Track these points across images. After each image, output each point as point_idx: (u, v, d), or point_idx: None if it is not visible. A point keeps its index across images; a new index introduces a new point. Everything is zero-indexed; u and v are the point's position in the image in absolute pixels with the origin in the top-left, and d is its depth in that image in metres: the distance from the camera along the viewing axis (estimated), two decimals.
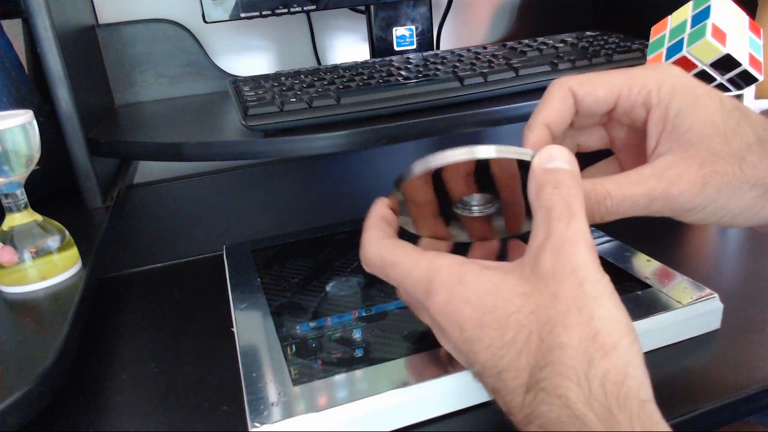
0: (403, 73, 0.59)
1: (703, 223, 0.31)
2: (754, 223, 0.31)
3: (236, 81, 0.62)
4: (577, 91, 0.33)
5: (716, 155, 0.30)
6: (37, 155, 0.43)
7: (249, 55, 0.82)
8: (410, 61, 0.64)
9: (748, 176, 0.30)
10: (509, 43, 0.69)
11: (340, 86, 0.55)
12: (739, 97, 0.52)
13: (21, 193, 0.44)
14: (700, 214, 0.31)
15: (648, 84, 0.32)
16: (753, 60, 0.50)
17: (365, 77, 0.58)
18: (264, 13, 0.67)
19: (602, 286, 0.27)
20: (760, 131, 0.31)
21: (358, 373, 0.38)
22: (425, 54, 0.68)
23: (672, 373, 0.40)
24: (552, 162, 0.30)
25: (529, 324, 0.26)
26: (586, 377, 0.24)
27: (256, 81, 0.61)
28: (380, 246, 0.33)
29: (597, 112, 0.34)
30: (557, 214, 0.28)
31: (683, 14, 0.53)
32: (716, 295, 0.43)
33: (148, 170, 0.76)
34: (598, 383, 0.24)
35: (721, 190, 0.30)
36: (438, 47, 0.83)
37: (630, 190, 0.30)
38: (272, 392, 0.36)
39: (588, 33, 0.73)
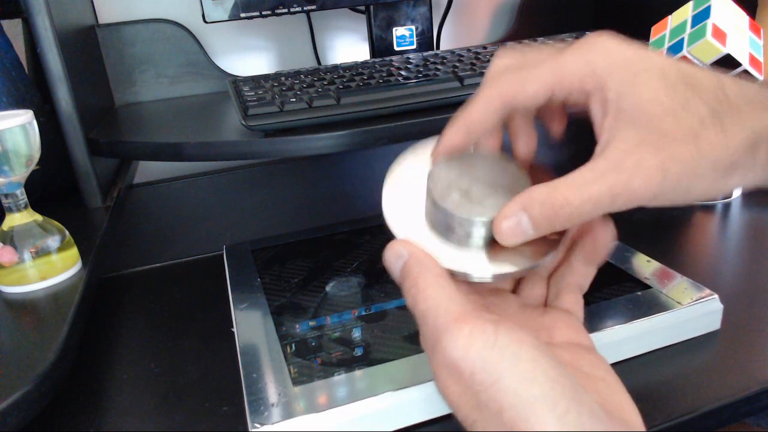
0: (403, 73, 0.59)
1: (667, 205, 0.29)
2: (719, 197, 0.29)
3: (236, 81, 0.62)
4: (506, 93, 0.31)
5: (669, 137, 0.27)
6: (37, 155, 0.43)
7: (249, 55, 0.82)
8: (410, 61, 0.64)
9: (706, 156, 0.27)
10: (509, 43, 0.69)
11: (340, 86, 0.55)
12: None
13: (21, 193, 0.44)
14: (664, 199, 0.28)
15: (579, 70, 0.29)
16: (753, 60, 0.50)
17: (365, 77, 0.58)
18: (264, 13, 0.67)
19: (491, 368, 0.25)
20: (711, 102, 0.28)
21: (358, 373, 0.38)
22: (425, 54, 0.68)
23: (671, 373, 0.40)
24: (394, 268, 0.30)
25: (457, 414, 0.27)
26: None
27: (256, 81, 0.61)
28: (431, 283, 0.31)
29: (532, 107, 0.31)
30: (419, 317, 0.29)
31: (683, 14, 0.53)
32: (716, 295, 0.43)
33: (148, 170, 0.76)
34: None
35: (680, 177, 0.27)
36: (438, 47, 0.83)
37: (589, 192, 0.28)
38: (272, 392, 0.36)
39: (588, 33, 0.73)
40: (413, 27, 0.75)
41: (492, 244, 0.31)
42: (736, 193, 0.66)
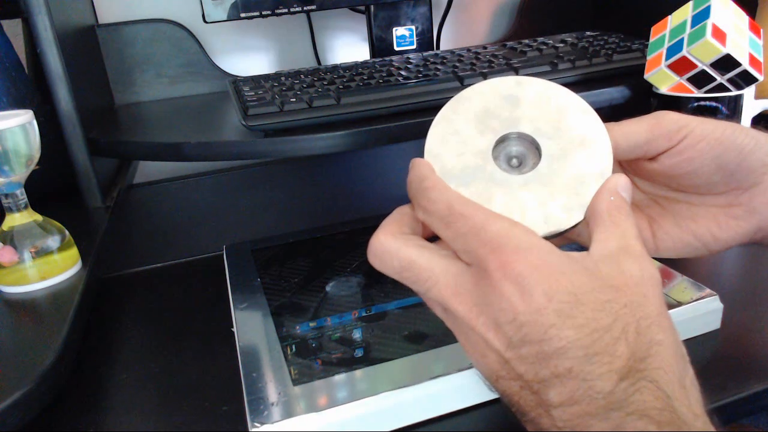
0: (403, 73, 0.59)
1: (711, 158, 0.33)
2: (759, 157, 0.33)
3: (236, 81, 0.62)
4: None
5: None
6: (37, 155, 0.43)
7: (249, 55, 0.82)
8: (410, 61, 0.64)
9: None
10: (509, 43, 0.69)
11: (340, 86, 0.55)
12: (739, 97, 0.52)
13: (21, 193, 0.44)
14: (707, 138, 0.33)
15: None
16: (753, 60, 0.50)
17: (365, 77, 0.58)
18: (264, 13, 0.67)
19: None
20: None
21: (358, 373, 0.38)
22: (425, 54, 0.68)
23: None
24: (626, 190, 0.31)
25: (624, 316, 0.26)
26: (682, 374, 0.26)
27: (256, 81, 0.61)
28: (451, 195, 0.30)
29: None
30: (632, 233, 0.29)
31: (683, 14, 0.53)
32: (716, 295, 0.43)
33: (148, 170, 0.76)
34: (690, 383, 0.26)
35: (721, 124, 0.33)
36: (438, 47, 0.83)
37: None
38: (272, 392, 0.37)
39: (588, 33, 0.73)
40: (413, 27, 0.75)
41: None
42: None
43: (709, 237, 0.36)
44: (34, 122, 0.43)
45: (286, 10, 0.68)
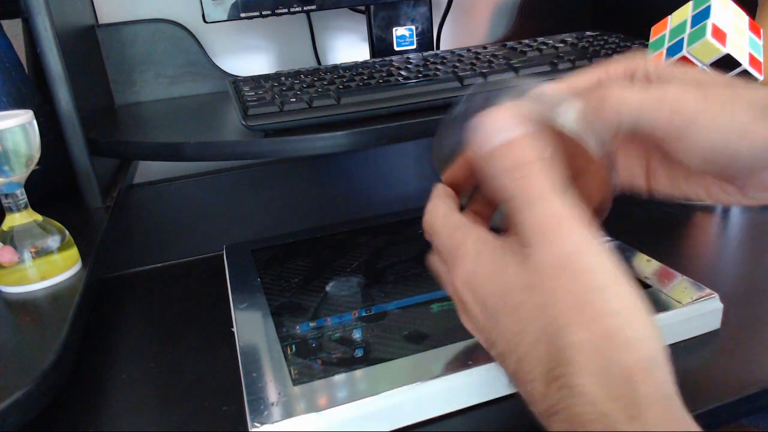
0: (403, 73, 0.59)
1: (713, 140, 0.30)
2: (759, 143, 0.30)
3: (236, 81, 0.62)
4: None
5: (707, 82, 0.31)
6: (37, 155, 0.43)
7: (249, 55, 0.82)
8: (410, 61, 0.64)
9: (741, 95, 0.30)
10: (509, 43, 0.69)
11: (340, 86, 0.55)
12: None
13: (21, 193, 0.44)
14: (703, 132, 0.30)
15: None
16: (753, 60, 0.50)
17: (365, 77, 0.58)
18: (264, 13, 0.67)
19: (605, 271, 0.25)
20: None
21: (358, 373, 0.38)
22: (425, 54, 0.68)
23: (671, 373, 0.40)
24: (495, 137, 0.27)
25: (537, 319, 0.25)
26: (606, 375, 0.23)
27: (256, 81, 0.61)
28: (436, 216, 0.32)
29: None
30: (524, 202, 0.26)
31: (683, 14, 0.53)
32: (716, 295, 0.43)
33: (148, 170, 0.76)
34: (623, 380, 0.23)
35: (723, 105, 0.30)
36: (438, 47, 0.83)
37: (639, 94, 0.31)
38: (272, 392, 0.37)
39: (588, 33, 0.73)
40: (413, 27, 0.75)
41: None
42: None
43: (695, 197, 0.35)
44: (34, 122, 0.43)
45: (286, 10, 0.68)
